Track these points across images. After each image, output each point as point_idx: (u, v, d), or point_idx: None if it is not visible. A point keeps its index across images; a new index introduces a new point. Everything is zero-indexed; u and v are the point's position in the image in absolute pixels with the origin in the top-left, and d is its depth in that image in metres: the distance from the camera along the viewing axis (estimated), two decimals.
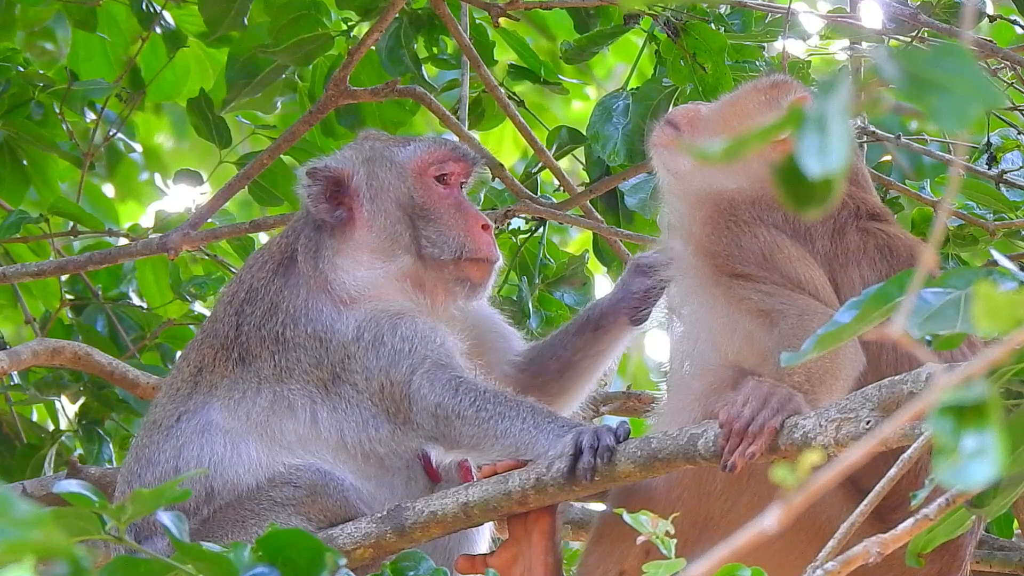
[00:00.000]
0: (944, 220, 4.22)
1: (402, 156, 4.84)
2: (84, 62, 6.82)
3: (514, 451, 4.41)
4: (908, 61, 2.07)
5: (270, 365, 4.62)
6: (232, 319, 4.72)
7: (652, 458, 4.20)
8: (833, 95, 2.07)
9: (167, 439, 4.60)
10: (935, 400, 2.11)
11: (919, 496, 3.38)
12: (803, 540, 4.23)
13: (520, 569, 4.44)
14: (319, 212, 4.75)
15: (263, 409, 4.59)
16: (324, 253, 4.74)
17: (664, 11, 5.73)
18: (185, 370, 4.72)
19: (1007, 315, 2.12)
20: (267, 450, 4.55)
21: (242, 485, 4.51)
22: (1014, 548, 5.03)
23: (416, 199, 4.79)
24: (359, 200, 4.77)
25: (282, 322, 4.66)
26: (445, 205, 4.80)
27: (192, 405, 4.63)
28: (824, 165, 2.05)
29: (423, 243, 4.76)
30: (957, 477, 2.09)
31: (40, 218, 6.24)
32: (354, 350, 4.60)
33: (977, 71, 2.05)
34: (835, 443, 3.88)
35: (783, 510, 2.06)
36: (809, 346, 2.86)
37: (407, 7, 6.04)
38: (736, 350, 4.44)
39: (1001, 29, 6.72)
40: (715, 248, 4.50)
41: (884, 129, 6.02)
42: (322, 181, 4.76)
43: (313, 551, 2.79)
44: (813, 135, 2.06)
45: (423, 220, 4.77)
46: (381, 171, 4.81)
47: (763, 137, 2.10)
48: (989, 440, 2.10)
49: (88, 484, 2.83)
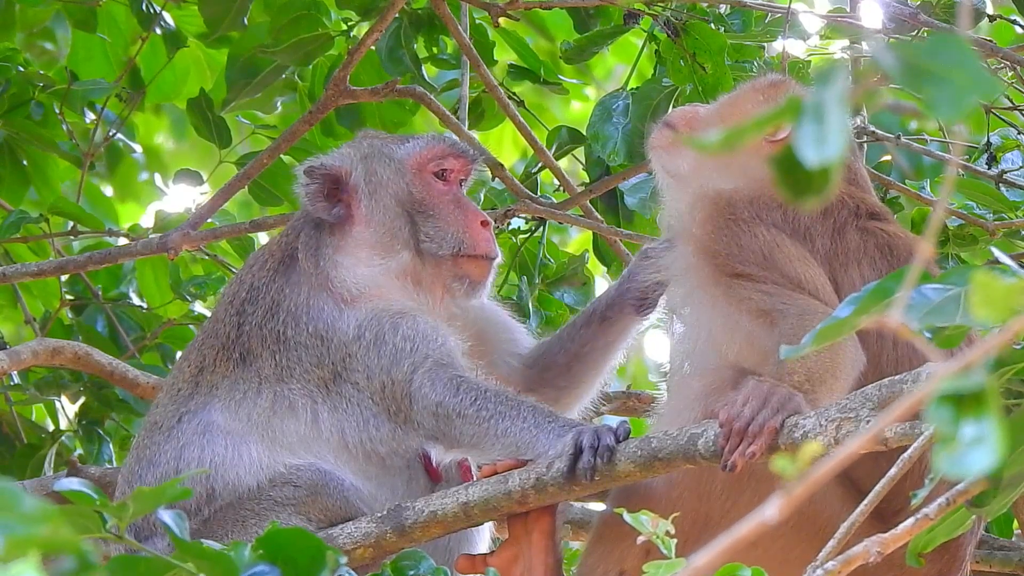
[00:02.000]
0: (940, 217, 4.21)
1: (401, 152, 4.84)
2: (84, 62, 6.81)
3: (514, 450, 4.40)
4: (905, 52, 2.07)
5: (271, 365, 4.62)
6: (233, 319, 4.71)
7: (652, 458, 4.19)
8: (830, 85, 2.07)
9: (168, 440, 4.59)
10: (933, 389, 2.12)
11: (919, 496, 3.38)
12: (803, 540, 4.23)
13: (520, 569, 4.44)
14: (317, 210, 4.75)
15: (264, 409, 4.59)
16: (324, 251, 4.74)
17: (664, 11, 5.74)
18: (186, 371, 4.71)
19: (1004, 304, 2.13)
20: (268, 451, 4.55)
21: (243, 486, 4.51)
22: (1014, 548, 5.02)
23: (415, 195, 4.79)
24: (357, 197, 4.77)
25: (283, 321, 4.66)
26: (444, 201, 4.80)
27: (193, 406, 4.63)
28: (821, 154, 2.06)
29: (422, 239, 4.75)
30: (956, 466, 2.09)
31: (40, 218, 6.24)
32: (355, 349, 4.60)
33: (975, 62, 2.05)
34: (835, 443, 3.88)
35: (783, 501, 2.06)
36: (808, 340, 2.86)
37: (407, 7, 6.04)
38: (736, 350, 4.44)
39: (1001, 29, 6.72)
40: (715, 248, 4.50)
41: (884, 129, 6.02)
42: (320, 179, 4.76)
43: (313, 550, 2.79)
44: (810, 124, 2.06)
45: (422, 216, 4.77)
46: (379, 167, 4.81)
47: (760, 127, 2.11)
48: (988, 428, 2.10)
49: (88, 482, 2.83)
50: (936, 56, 2.06)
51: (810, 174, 2.08)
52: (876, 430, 2.08)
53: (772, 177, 2.13)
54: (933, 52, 2.07)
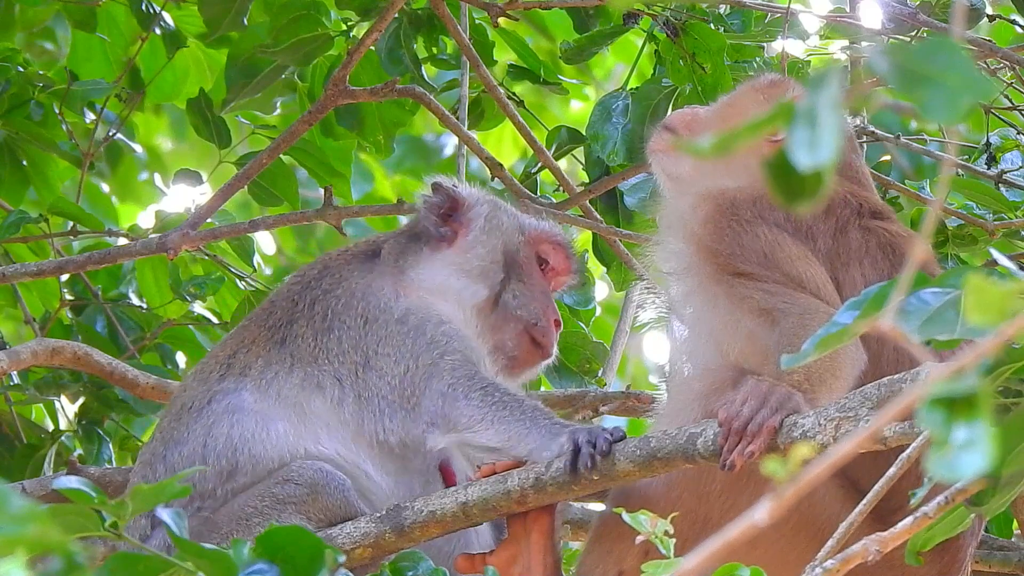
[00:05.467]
0: (936, 216, 4.21)
1: (526, 218, 5.01)
2: (84, 62, 6.81)
3: (506, 440, 4.42)
4: (899, 55, 2.08)
5: (310, 344, 4.69)
6: (294, 294, 4.81)
7: (651, 457, 4.20)
8: (824, 89, 2.08)
9: (198, 419, 4.64)
10: (926, 392, 2.12)
11: (918, 495, 3.38)
12: (803, 541, 4.23)
13: (519, 568, 4.44)
14: (427, 220, 4.89)
15: (293, 387, 4.64)
16: (410, 256, 4.86)
17: (663, 11, 5.74)
18: (220, 355, 4.78)
19: (998, 308, 2.13)
20: (294, 429, 4.59)
21: (267, 460, 4.54)
22: (1013, 548, 5.02)
23: (520, 257, 4.91)
24: (469, 227, 4.90)
25: (338, 297, 4.76)
26: (537, 282, 4.92)
27: (225, 386, 4.68)
28: (815, 158, 2.06)
29: (506, 292, 4.85)
30: (948, 468, 2.10)
31: (40, 218, 6.24)
32: (395, 329, 4.67)
33: (968, 64, 2.06)
34: (834, 442, 3.88)
35: (774, 503, 2.06)
36: (809, 348, 2.86)
37: (407, 7, 6.04)
38: (738, 349, 4.44)
39: (1001, 29, 6.72)
40: (717, 247, 4.50)
41: (884, 129, 6.02)
42: (444, 197, 4.91)
43: (312, 548, 2.79)
44: (803, 128, 2.07)
45: (515, 277, 4.88)
46: (505, 217, 4.96)
47: (754, 131, 2.11)
48: (980, 432, 2.11)
49: (87, 481, 2.83)
50: (929, 59, 2.07)
51: (803, 178, 2.09)
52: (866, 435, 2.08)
53: (766, 181, 2.14)
54: (926, 55, 2.07)
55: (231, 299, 6.47)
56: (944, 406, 2.14)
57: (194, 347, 6.44)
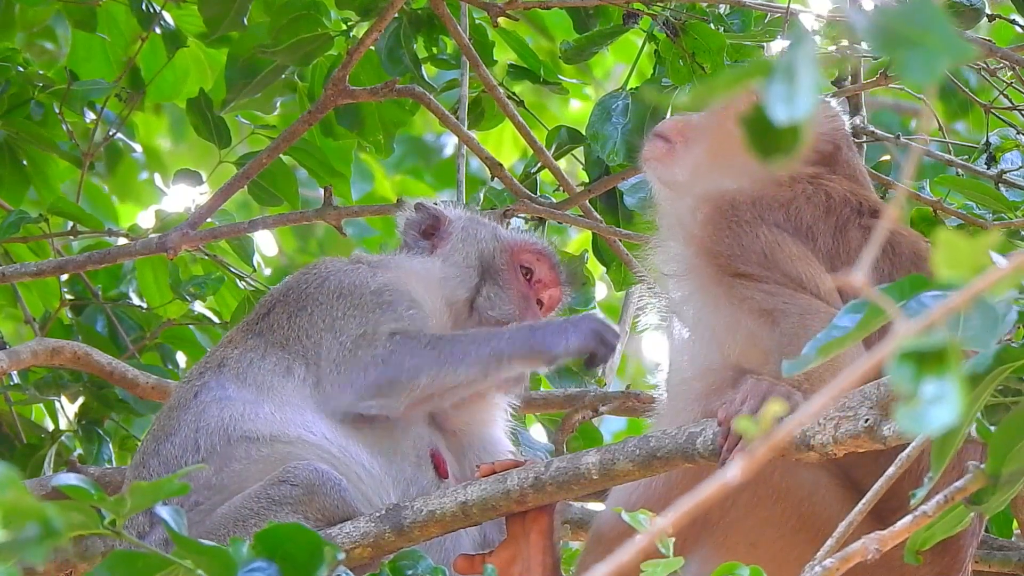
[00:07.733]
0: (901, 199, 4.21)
1: (505, 231, 5.20)
2: (84, 62, 6.82)
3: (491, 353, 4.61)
4: (878, 15, 2.09)
5: (283, 327, 4.77)
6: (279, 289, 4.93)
7: (651, 456, 4.20)
8: (800, 46, 2.09)
9: (186, 412, 4.68)
10: (896, 347, 2.13)
11: (918, 495, 3.38)
12: (803, 541, 4.23)
13: (518, 568, 4.44)
14: (406, 235, 5.09)
15: (267, 371, 4.71)
16: (394, 255, 5.05)
17: (663, 11, 5.74)
18: (209, 355, 4.87)
19: (967, 262, 2.14)
20: (279, 410, 4.64)
21: (261, 434, 4.59)
22: (1013, 548, 5.02)
23: (496, 261, 5.02)
24: (447, 240, 5.05)
25: (312, 281, 4.86)
26: (517, 288, 5.01)
27: (207, 380, 4.74)
28: (791, 112, 2.07)
29: (480, 296, 4.96)
30: (916, 422, 2.10)
31: (40, 218, 6.23)
32: (367, 300, 4.77)
33: (947, 26, 2.07)
34: (834, 441, 3.88)
35: (744, 462, 2.07)
36: (810, 353, 2.86)
37: (406, 7, 6.04)
38: (738, 350, 4.44)
39: (1001, 29, 6.72)
40: (716, 248, 4.50)
41: (884, 129, 6.02)
42: (425, 216, 5.10)
43: (312, 546, 2.79)
44: (780, 83, 2.08)
45: (491, 280, 5.00)
46: (480, 228, 5.12)
47: (731, 85, 2.12)
48: (949, 386, 2.12)
49: (86, 478, 2.83)
50: (909, 20, 2.08)
51: (779, 132, 2.10)
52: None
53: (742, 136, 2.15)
54: (906, 16, 2.08)
55: (231, 299, 6.47)
56: (914, 360, 2.15)
57: (194, 347, 6.45)
